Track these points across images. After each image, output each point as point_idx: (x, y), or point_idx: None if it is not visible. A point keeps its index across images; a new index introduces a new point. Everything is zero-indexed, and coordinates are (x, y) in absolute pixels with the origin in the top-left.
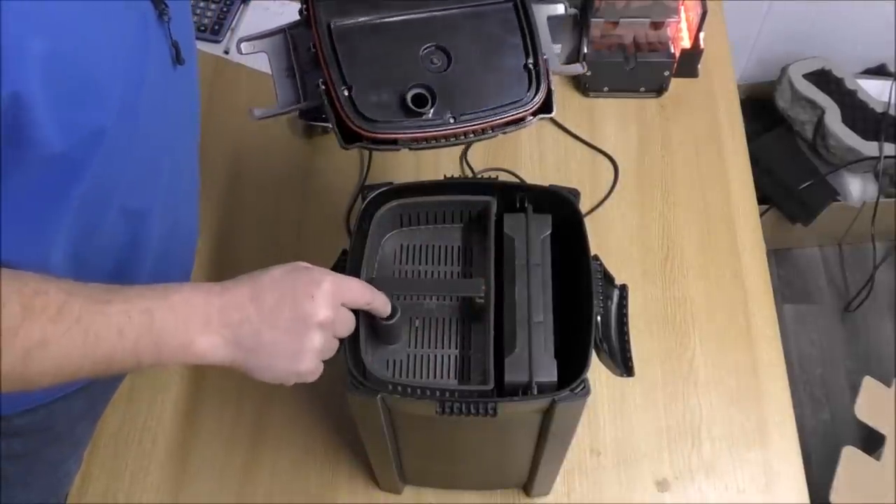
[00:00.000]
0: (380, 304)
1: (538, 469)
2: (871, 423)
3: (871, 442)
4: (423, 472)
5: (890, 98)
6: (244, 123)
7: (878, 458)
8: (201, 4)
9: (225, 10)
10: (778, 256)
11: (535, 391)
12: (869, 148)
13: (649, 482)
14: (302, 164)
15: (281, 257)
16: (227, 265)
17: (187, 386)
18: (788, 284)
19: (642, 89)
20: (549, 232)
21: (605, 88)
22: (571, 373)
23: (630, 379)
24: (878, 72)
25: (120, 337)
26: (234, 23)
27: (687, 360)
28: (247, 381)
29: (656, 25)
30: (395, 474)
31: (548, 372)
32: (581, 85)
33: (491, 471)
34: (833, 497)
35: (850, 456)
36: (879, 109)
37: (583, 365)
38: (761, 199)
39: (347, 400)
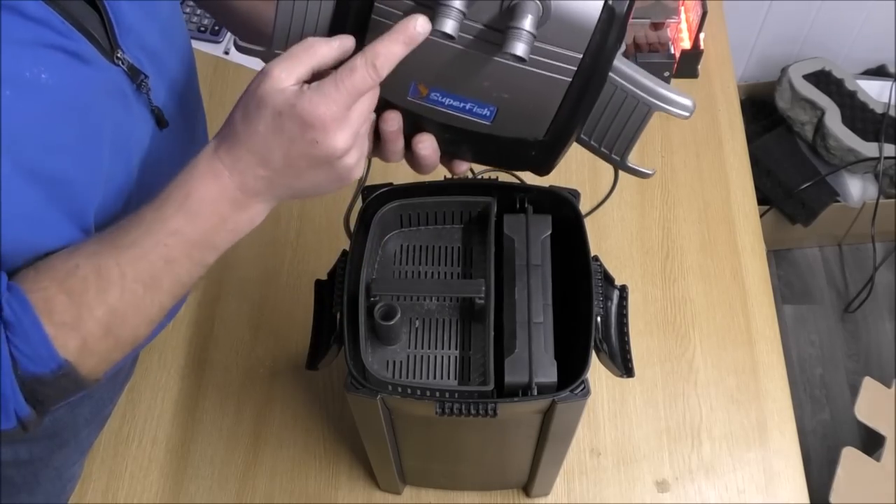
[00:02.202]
0: (329, 50)
1: (538, 469)
2: (871, 424)
3: (871, 442)
4: (423, 473)
5: (890, 99)
6: None
7: (878, 459)
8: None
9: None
10: (778, 256)
11: (535, 392)
12: (869, 149)
13: (649, 482)
14: None
15: (281, 257)
16: (227, 264)
17: (187, 386)
18: (788, 284)
19: None
20: (549, 233)
21: None
22: (571, 373)
23: (630, 379)
24: (878, 72)
25: (173, 264)
26: None
27: (687, 360)
28: (247, 380)
29: (656, 26)
30: (395, 474)
31: (548, 372)
32: None
33: (491, 471)
34: (833, 497)
35: (850, 456)
36: (879, 110)
37: (583, 366)
38: (761, 200)
39: (347, 400)
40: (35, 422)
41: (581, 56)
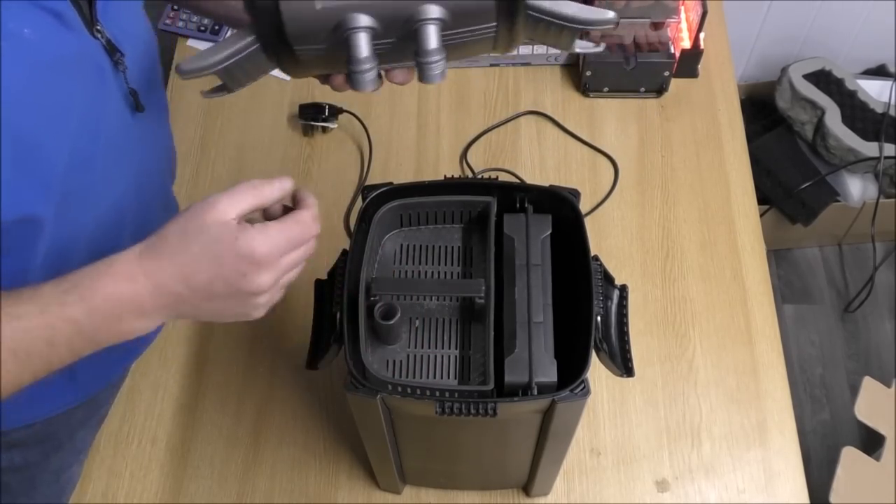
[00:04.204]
0: (271, 192)
1: (538, 469)
2: (871, 424)
3: (871, 442)
4: (422, 473)
5: (890, 98)
6: (244, 124)
7: (878, 459)
8: None
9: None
10: (778, 256)
11: (535, 391)
12: (869, 148)
13: (649, 482)
14: (302, 164)
15: None
16: None
17: (187, 385)
18: (788, 284)
19: (642, 89)
20: (549, 232)
21: (606, 89)
22: (571, 373)
23: (630, 379)
24: (878, 72)
25: (53, 347)
26: None
27: (687, 360)
28: (247, 380)
29: (656, 25)
30: (395, 474)
31: (547, 372)
32: (581, 85)
33: (491, 471)
34: (833, 497)
35: (850, 456)
36: (879, 110)
37: (583, 365)
38: (761, 200)
39: (348, 400)
40: None
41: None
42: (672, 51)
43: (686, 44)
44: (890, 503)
